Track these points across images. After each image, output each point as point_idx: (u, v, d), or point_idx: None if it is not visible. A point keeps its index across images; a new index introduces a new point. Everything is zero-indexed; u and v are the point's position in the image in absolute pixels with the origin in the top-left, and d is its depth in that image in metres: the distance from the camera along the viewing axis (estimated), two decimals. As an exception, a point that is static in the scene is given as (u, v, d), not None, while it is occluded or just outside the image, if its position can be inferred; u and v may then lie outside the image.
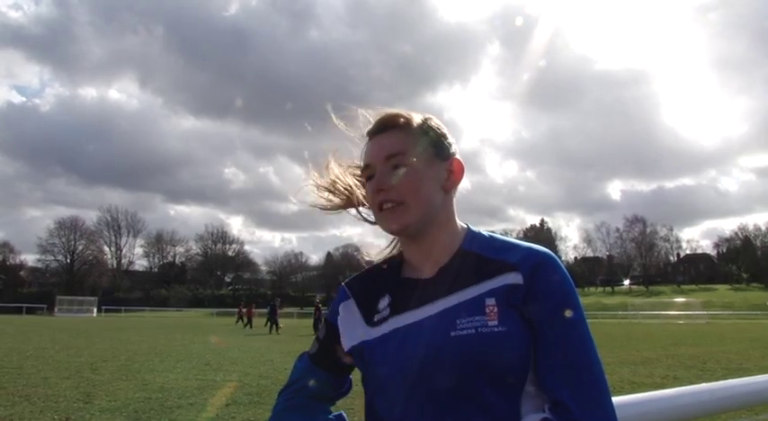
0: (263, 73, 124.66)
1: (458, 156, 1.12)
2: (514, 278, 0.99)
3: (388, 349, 1.02)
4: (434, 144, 1.09)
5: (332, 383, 1.18)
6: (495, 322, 0.95)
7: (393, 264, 1.16)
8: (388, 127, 1.09)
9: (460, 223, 1.13)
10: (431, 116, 1.14)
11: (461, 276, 1.03)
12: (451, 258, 1.07)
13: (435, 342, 0.97)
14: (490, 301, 0.98)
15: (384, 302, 1.09)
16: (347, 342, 1.11)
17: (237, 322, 32.70)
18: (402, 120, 1.09)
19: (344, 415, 1.16)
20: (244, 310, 33.80)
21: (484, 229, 1.14)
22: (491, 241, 1.09)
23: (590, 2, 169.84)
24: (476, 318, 0.96)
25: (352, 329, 1.11)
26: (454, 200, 1.13)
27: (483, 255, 1.05)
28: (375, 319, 1.09)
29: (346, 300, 1.17)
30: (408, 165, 1.04)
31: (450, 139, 1.13)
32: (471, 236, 1.11)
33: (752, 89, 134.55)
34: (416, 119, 1.10)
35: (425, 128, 1.10)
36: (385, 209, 1.05)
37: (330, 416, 1.13)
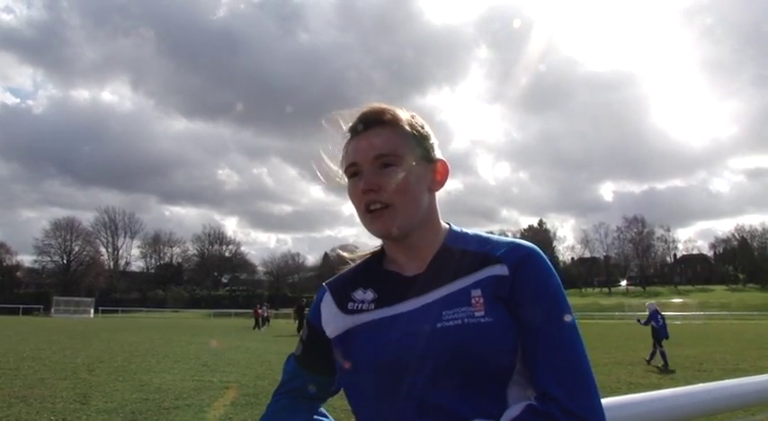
0: (253, 75, 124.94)
1: (442, 157, 1.12)
2: (500, 270, 0.99)
3: (372, 341, 1.01)
4: (422, 145, 1.08)
5: (320, 383, 1.17)
6: (482, 313, 0.95)
7: (373, 259, 1.16)
8: (375, 123, 1.06)
9: (443, 222, 1.13)
10: (415, 114, 1.12)
11: (446, 271, 1.03)
12: (435, 255, 1.07)
13: (421, 334, 0.96)
14: (476, 293, 0.98)
15: (365, 295, 1.09)
16: (330, 333, 1.10)
17: (255, 327, 32.20)
18: (389, 117, 1.07)
19: (327, 414, 1.18)
20: (259, 311, 33.89)
21: (467, 228, 1.14)
22: (475, 237, 1.09)
23: (578, 5, 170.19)
24: (462, 309, 0.96)
25: (332, 320, 1.10)
26: (437, 199, 1.12)
27: (467, 250, 1.05)
28: (349, 307, 1.08)
29: (324, 295, 1.16)
30: (399, 166, 1.03)
31: (434, 140, 1.11)
32: (454, 234, 1.11)
33: (740, 91, 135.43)
34: (403, 116, 1.08)
35: (413, 127, 1.08)
36: (372, 210, 1.04)
37: (316, 416, 1.15)
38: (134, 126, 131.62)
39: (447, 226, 1.13)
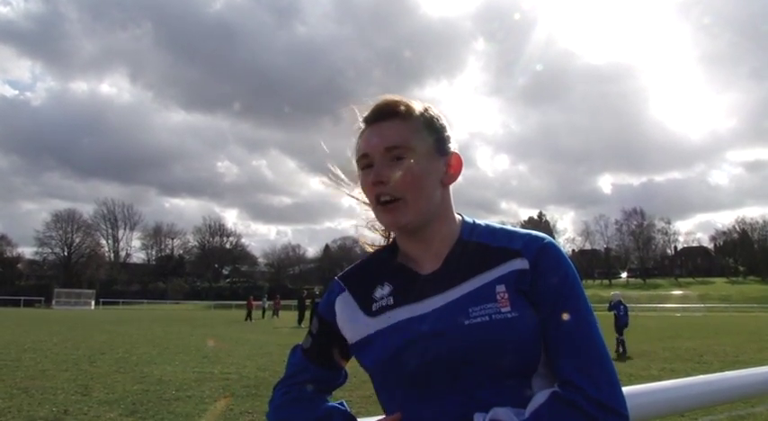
0: (251, 68, 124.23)
1: (456, 151, 1.11)
2: (521, 263, 1.00)
3: (399, 341, 1.00)
4: (435, 138, 1.07)
5: (327, 377, 1.17)
6: (508, 308, 0.96)
7: (387, 252, 1.15)
8: (387, 115, 1.05)
9: (456, 214, 1.12)
10: (430, 105, 1.10)
11: (467, 266, 1.03)
12: (452, 249, 1.06)
13: (449, 331, 0.97)
14: (500, 288, 0.98)
15: (383, 291, 1.08)
16: (351, 336, 1.09)
17: (247, 319, 31.72)
18: (403, 108, 1.06)
19: (345, 403, 1.15)
20: (256, 304, 34.18)
21: (479, 219, 1.13)
22: (489, 230, 1.09)
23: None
24: (488, 306, 0.97)
25: (354, 322, 1.09)
26: (451, 192, 1.11)
27: (485, 244, 1.05)
28: (374, 308, 1.07)
29: (341, 292, 1.14)
30: (409, 159, 1.02)
31: (449, 132, 1.11)
32: (469, 226, 1.10)
33: (738, 84, 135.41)
34: (417, 108, 1.07)
35: (427, 119, 1.07)
36: (383, 202, 1.03)
37: (329, 406, 1.13)
38: (133, 118, 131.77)
39: (460, 218, 1.12)
